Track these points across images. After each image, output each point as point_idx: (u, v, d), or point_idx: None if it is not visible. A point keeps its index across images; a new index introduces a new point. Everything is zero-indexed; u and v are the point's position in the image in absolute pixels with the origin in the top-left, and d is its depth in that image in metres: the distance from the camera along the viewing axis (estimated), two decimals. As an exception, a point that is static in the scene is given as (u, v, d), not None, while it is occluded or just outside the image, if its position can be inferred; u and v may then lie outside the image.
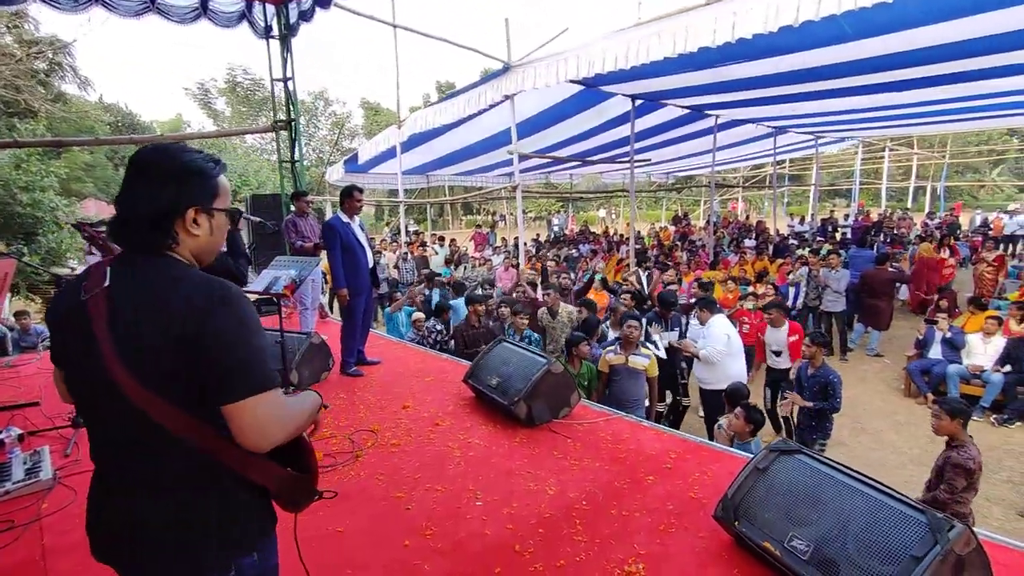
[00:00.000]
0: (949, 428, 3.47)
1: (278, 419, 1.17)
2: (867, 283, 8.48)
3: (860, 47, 6.63)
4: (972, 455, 3.39)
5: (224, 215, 1.31)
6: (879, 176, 24.79)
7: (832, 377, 4.72)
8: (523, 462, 3.21)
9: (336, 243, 4.51)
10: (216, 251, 1.35)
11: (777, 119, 12.73)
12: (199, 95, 28.54)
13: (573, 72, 7.21)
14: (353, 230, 4.63)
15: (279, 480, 1.26)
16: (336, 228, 4.53)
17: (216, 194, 1.28)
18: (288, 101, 6.98)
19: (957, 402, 3.61)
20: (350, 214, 4.65)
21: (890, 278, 8.41)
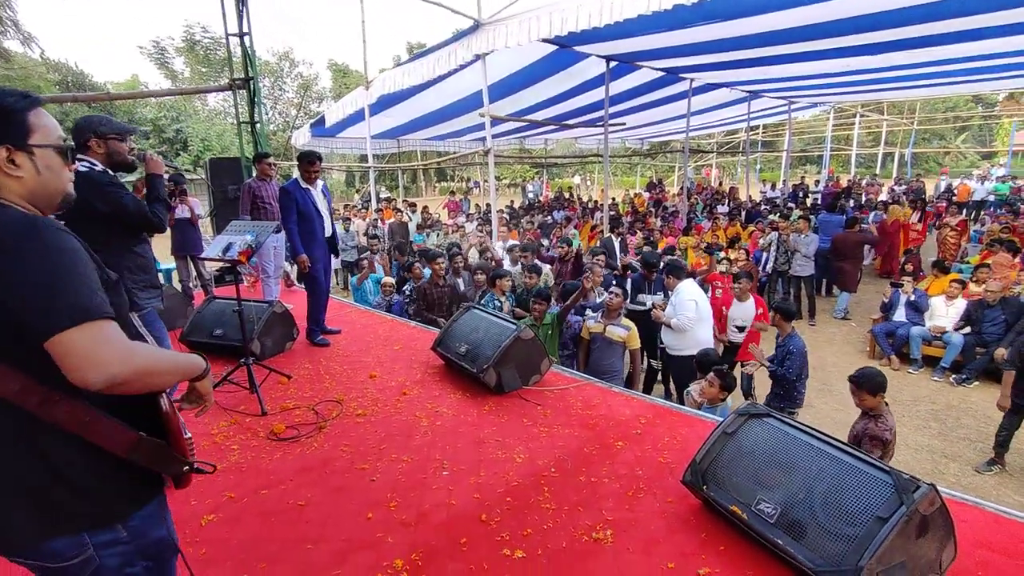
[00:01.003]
0: (872, 403, 3.41)
1: (114, 350, 1.07)
2: (836, 246, 8.63)
3: (833, 8, 6.53)
4: (889, 425, 3.37)
5: (52, 152, 1.20)
6: (849, 143, 25.05)
7: (791, 347, 4.73)
8: (492, 430, 3.15)
9: (292, 209, 4.34)
10: (58, 192, 1.25)
11: (751, 83, 12.62)
12: (155, 54, 27.08)
13: (546, 31, 6.97)
14: (312, 196, 4.45)
15: (130, 445, 1.17)
16: (292, 193, 4.36)
17: (30, 130, 1.17)
18: (245, 58, 6.58)
19: (870, 377, 3.45)
20: (309, 180, 4.45)
21: (858, 240, 8.56)
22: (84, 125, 2.54)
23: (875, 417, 3.42)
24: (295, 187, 4.39)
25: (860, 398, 3.47)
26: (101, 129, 2.53)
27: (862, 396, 3.45)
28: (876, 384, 3.41)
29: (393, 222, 11.25)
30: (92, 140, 2.50)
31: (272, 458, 2.89)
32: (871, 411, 3.44)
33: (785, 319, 4.84)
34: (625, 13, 6.11)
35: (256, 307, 4.42)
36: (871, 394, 3.40)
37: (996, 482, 4.49)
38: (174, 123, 23.53)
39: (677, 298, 4.86)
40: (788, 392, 4.79)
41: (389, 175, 26.25)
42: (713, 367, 3.98)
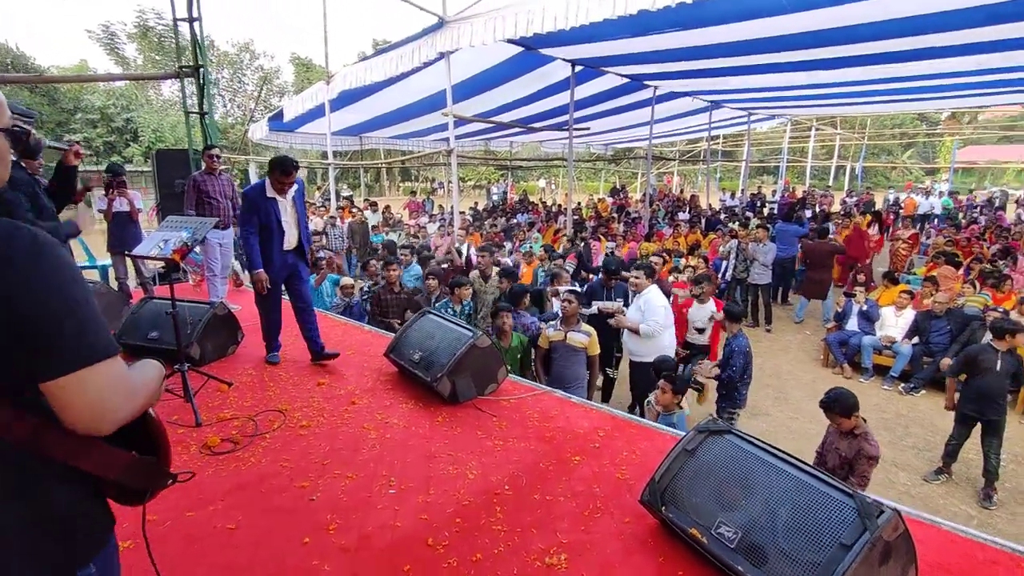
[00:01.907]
0: (850, 424, 3.32)
1: (121, 393, 0.94)
2: (808, 256, 8.89)
3: (793, 21, 6.65)
4: (875, 440, 3.33)
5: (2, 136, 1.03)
6: (805, 155, 25.83)
7: (734, 346, 4.74)
8: (444, 444, 3.00)
9: (252, 218, 3.80)
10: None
11: (713, 93, 12.84)
12: (104, 39, 25.82)
13: (511, 31, 6.87)
14: (277, 207, 3.83)
15: (123, 468, 1.02)
16: (253, 201, 3.80)
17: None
18: (195, 45, 6.25)
19: (841, 400, 3.33)
20: (278, 190, 3.81)
21: (829, 250, 8.80)
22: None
23: (861, 436, 3.31)
24: (258, 194, 3.81)
25: (836, 422, 3.37)
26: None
27: (837, 420, 3.35)
28: (849, 406, 3.31)
29: (352, 221, 10.95)
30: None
31: (204, 475, 2.66)
32: (853, 430, 3.33)
33: (731, 320, 4.87)
34: (591, 16, 6.06)
35: (196, 309, 4.14)
36: (845, 416, 3.30)
37: (944, 491, 4.58)
38: (124, 112, 22.48)
39: (647, 304, 4.72)
40: (730, 393, 4.81)
41: (351, 173, 25.73)
42: (664, 374, 3.93)
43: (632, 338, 4.77)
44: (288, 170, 3.76)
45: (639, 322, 4.67)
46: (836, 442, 3.41)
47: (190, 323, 3.98)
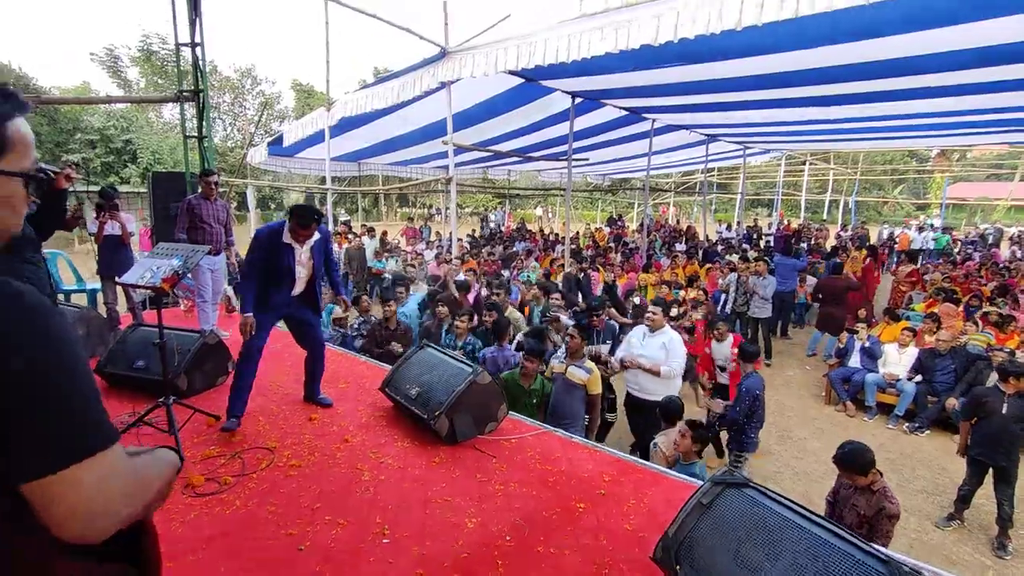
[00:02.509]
0: (866, 481, 3.13)
1: (120, 492, 0.76)
2: (823, 291, 8.78)
3: (791, 59, 6.71)
4: (895, 498, 3.14)
5: (19, 183, 0.85)
6: (799, 188, 26.12)
7: (744, 386, 4.61)
8: (441, 487, 2.84)
9: (257, 261, 3.41)
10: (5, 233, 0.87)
11: (709, 127, 12.98)
12: (108, 62, 26.05)
13: (512, 62, 6.91)
14: (295, 255, 3.46)
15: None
16: (263, 244, 3.40)
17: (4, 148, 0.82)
18: (196, 69, 6.23)
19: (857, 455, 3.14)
20: (297, 238, 3.41)
21: (843, 286, 8.69)
22: None
23: (880, 493, 3.09)
24: (272, 238, 3.40)
25: (851, 479, 3.16)
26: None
27: (853, 477, 3.14)
28: (865, 463, 3.11)
29: (350, 247, 10.85)
30: None
31: (184, 519, 2.50)
32: (871, 486, 3.13)
33: (743, 359, 4.74)
34: (592, 50, 6.10)
35: (185, 337, 4.00)
36: (862, 474, 3.10)
37: (956, 539, 4.42)
38: (123, 133, 22.51)
39: (672, 344, 4.51)
40: (736, 435, 4.67)
41: (349, 198, 25.77)
42: (676, 415, 3.79)
43: (641, 376, 4.61)
44: (305, 221, 3.35)
45: (661, 363, 4.46)
46: (852, 497, 3.20)
47: (178, 352, 3.83)
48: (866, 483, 3.11)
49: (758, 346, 4.91)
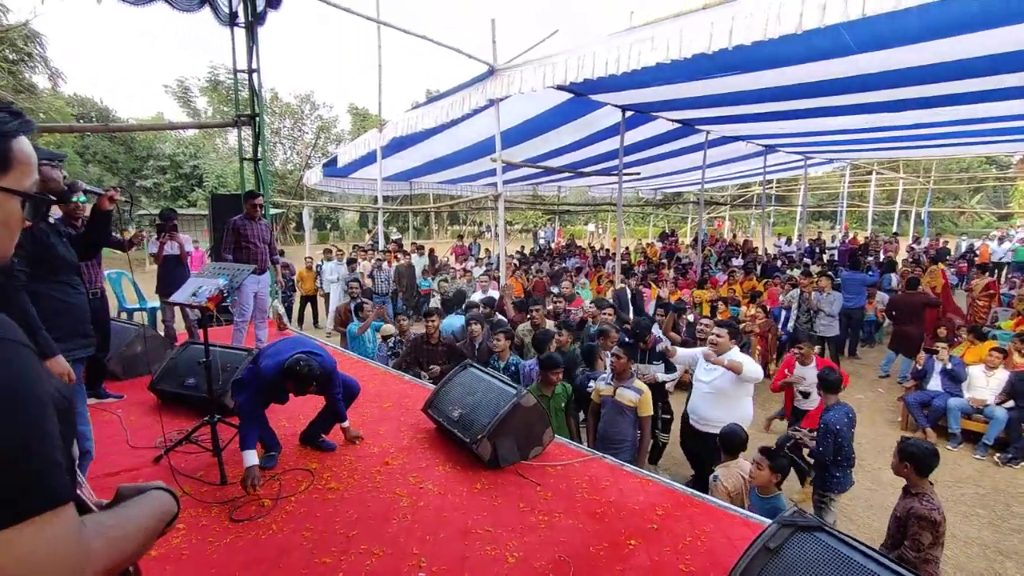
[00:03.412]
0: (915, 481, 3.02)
1: (61, 564, 0.64)
2: (897, 308, 8.16)
3: (858, 62, 6.32)
4: (936, 504, 2.97)
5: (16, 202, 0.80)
6: (865, 199, 24.82)
7: (825, 419, 4.18)
8: (482, 516, 2.69)
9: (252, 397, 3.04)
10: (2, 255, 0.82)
11: (768, 137, 12.48)
12: (179, 93, 27.78)
13: (560, 77, 6.84)
14: None
15: None
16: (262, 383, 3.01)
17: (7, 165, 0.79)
18: (252, 95, 6.45)
19: (922, 455, 3.01)
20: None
21: (921, 302, 8.02)
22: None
23: (919, 495, 2.98)
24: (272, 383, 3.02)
25: (904, 475, 3.06)
26: None
27: (906, 473, 3.04)
28: (926, 465, 2.99)
29: (399, 265, 10.97)
30: None
31: (220, 544, 2.45)
32: (912, 487, 3.01)
33: (826, 389, 4.26)
34: (643, 61, 5.94)
35: (234, 355, 4.04)
36: (917, 473, 2.98)
37: (1064, 589, 3.91)
38: (192, 159, 23.86)
39: (748, 365, 4.10)
40: (820, 473, 4.25)
41: (401, 217, 26.32)
42: (739, 447, 3.50)
43: (705, 402, 4.22)
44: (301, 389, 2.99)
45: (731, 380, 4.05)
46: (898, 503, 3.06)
47: (226, 370, 3.87)
48: (914, 482, 3.03)
49: (840, 373, 4.39)
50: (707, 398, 4.19)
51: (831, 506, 4.07)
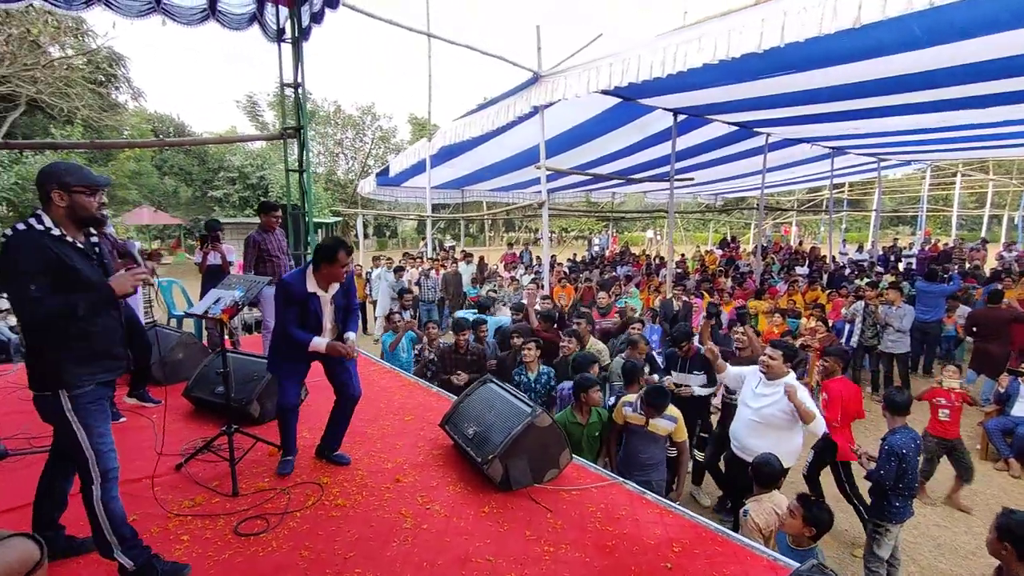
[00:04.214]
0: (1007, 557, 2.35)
1: None
2: (978, 324, 7.38)
3: (934, 55, 5.79)
4: None
5: None
6: (949, 203, 23.00)
7: (888, 443, 3.77)
8: (485, 544, 2.56)
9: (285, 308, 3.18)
10: None
11: (835, 139, 11.74)
12: (247, 108, 29.32)
13: (605, 82, 6.68)
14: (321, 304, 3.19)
15: None
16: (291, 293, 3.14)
17: None
18: (298, 107, 6.63)
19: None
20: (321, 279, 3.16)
21: (1005, 317, 7.22)
22: (49, 173, 2.17)
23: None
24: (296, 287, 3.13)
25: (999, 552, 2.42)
26: (66, 180, 2.16)
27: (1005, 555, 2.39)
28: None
29: (446, 273, 11.02)
30: (55, 191, 2.14)
31: (219, 558, 2.43)
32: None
33: (891, 411, 3.82)
34: (689, 63, 5.69)
35: (260, 364, 4.10)
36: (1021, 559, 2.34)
37: None
38: (258, 170, 25.09)
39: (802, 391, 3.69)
40: (878, 500, 3.82)
41: (455, 224, 26.65)
42: (774, 481, 3.19)
43: (750, 429, 3.81)
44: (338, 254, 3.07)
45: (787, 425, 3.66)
46: None
47: (252, 379, 3.93)
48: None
49: (908, 393, 3.92)
50: (753, 426, 3.79)
51: (886, 537, 3.65)
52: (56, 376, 2.09)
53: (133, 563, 2.21)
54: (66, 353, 2.12)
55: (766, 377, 3.83)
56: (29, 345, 2.12)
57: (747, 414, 3.87)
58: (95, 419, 2.19)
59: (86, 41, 15.70)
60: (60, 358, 2.10)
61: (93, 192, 2.24)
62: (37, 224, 2.10)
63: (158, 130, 24.54)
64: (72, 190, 2.17)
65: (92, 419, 2.17)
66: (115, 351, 2.28)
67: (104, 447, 2.21)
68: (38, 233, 2.08)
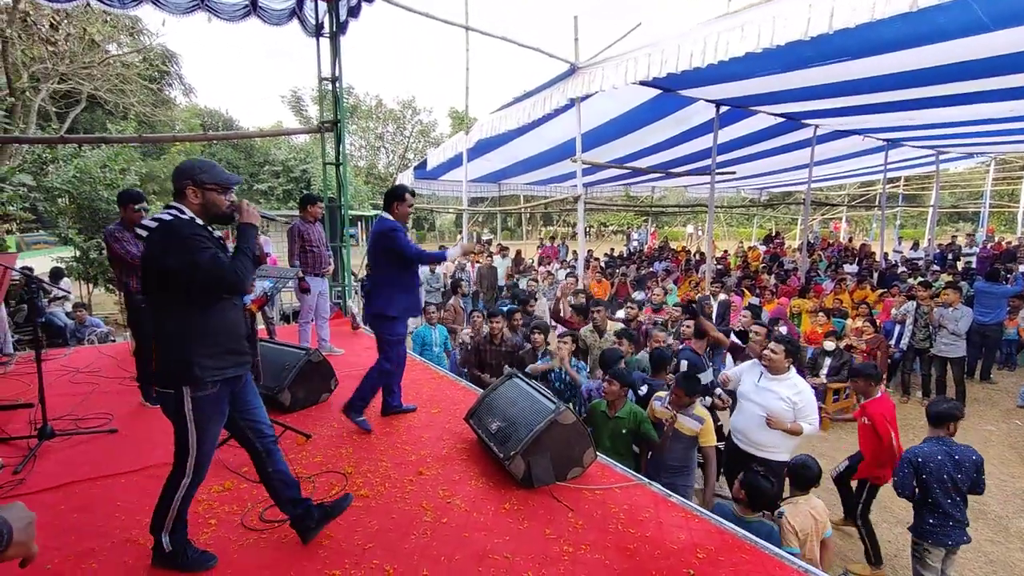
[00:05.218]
0: None
1: None
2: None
3: (999, 40, 5.42)
4: None
5: None
6: (1015, 199, 21.68)
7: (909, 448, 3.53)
8: (504, 541, 2.53)
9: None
10: None
11: (889, 130, 11.17)
12: (292, 103, 30.03)
13: (644, 72, 6.51)
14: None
15: None
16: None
17: None
18: (335, 101, 6.73)
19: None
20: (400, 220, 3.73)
21: None
22: (184, 170, 2.24)
23: None
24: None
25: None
26: (200, 177, 2.22)
27: None
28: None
29: (481, 266, 11.03)
30: (189, 188, 2.21)
31: (243, 543, 2.49)
32: None
33: (934, 423, 3.51)
34: (731, 52, 5.49)
35: (291, 353, 4.18)
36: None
37: None
38: (302, 164, 25.70)
39: (802, 397, 3.61)
40: (915, 515, 3.56)
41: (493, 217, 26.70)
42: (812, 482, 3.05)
43: (755, 423, 3.72)
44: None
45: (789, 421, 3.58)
46: None
47: (285, 368, 4.01)
48: None
49: (956, 404, 3.58)
50: (759, 420, 3.70)
51: (928, 558, 3.40)
52: (186, 371, 2.11)
53: (171, 547, 2.28)
54: (196, 346, 2.14)
55: (768, 371, 3.75)
56: (160, 337, 2.15)
57: (752, 408, 3.78)
58: (210, 423, 2.24)
59: (140, 39, 16.38)
60: (190, 352, 2.12)
61: (224, 190, 2.30)
62: (181, 215, 2.18)
63: (207, 125, 25.46)
64: (205, 187, 2.24)
65: (208, 422, 2.22)
66: (242, 346, 2.32)
67: (207, 456, 2.27)
68: (188, 220, 2.17)
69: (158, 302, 2.15)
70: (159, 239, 2.09)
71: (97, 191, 9.82)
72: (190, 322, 2.14)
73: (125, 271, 4.07)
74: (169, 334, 2.13)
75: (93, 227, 10.09)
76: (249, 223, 2.31)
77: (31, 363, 3.58)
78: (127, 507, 2.77)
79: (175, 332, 2.12)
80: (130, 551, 2.42)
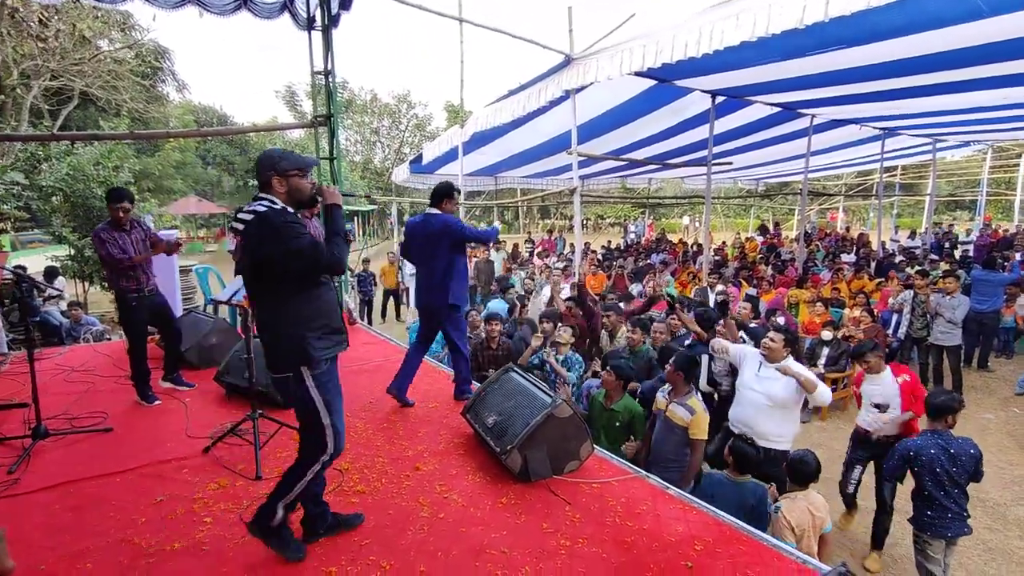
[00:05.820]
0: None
1: None
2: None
3: (995, 26, 5.38)
4: None
5: None
6: (1012, 187, 21.67)
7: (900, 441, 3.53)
8: (501, 535, 2.52)
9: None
10: None
11: (886, 119, 11.13)
12: (286, 98, 29.87)
13: (639, 63, 6.44)
14: None
15: None
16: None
17: None
18: (328, 95, 6.66)
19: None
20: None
21: None
22: (264, 162, 2.26)
23: None
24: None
25: None
26: (282, 165, 2.24)
27: None
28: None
29: (478, 260, 11.00)
30: (274, 178, 2.23)
31: (237, 541, 2.47)
32: None
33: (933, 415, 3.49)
34: (727, 41, 5.44)
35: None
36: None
37: None
38: (300, 159, 25.59)
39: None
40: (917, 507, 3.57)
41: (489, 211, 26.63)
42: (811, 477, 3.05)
43: (759, 413, 3.73)
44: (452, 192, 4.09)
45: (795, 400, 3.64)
46: None
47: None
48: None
49: (954, 396, 3.57)
50: (761, 408, 3.71)
51: (928, 549, 3.41)
52: (301, 353, 2.17)
53: (281, 518, 2.30)
54: (306, 329, 2.20)
55: (767, 360, 3.80)
56: (269, 325, 2.21)
57: (754, 397, 3.79)
58: (334, 397, 2.29)
59: (132, 35, 16.24)
60: (302, 334, 2.18)
61: (305, 174, 2.32)
62: (273, 205, 2.20)
63: (201, 121, 25.27)
64: (288, 174, 2.25)
65: (332, 396, 2.28)
66: (342, 325, 2.38)
67: (340, 425, 2.32)
68: (280, 209, 2.19)
69: (262, 292, 2.21)
70: (255, 231, 2.11)
71: (91, 189, 9.77)
72: (297, 307, 2.20)
73: (114, 271, 4.05)
74: (279, 321, 2.18)
75: (87, 225, 10.03)
76: (335, 203, 2.36)
77: (26, 362, 3.56)
78: (122, 506, 2.76)
79: (285, 319, 2.18)
80: (125, 551, 2.41)
